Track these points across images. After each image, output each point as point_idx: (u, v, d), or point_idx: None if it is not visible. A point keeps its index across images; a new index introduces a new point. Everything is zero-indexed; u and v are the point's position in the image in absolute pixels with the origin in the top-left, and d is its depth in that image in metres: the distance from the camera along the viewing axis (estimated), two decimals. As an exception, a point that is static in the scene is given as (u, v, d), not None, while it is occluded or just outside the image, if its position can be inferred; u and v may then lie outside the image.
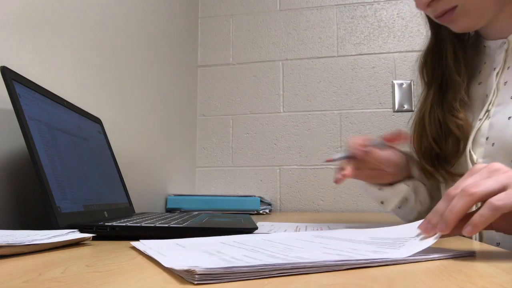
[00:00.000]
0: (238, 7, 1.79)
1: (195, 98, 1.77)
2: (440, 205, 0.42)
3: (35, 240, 0.44)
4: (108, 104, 1.07)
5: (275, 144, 1.69)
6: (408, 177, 0.79)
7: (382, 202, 0.80)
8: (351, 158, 0.71)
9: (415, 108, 0.83)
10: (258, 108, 1.73)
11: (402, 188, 0.77)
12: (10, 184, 0.70)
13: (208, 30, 1.82)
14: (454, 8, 0.66)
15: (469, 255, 0.41)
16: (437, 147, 0.74)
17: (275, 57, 1.74)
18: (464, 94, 0.74)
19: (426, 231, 0.42)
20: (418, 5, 0.72)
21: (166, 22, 1.49)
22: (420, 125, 0.77)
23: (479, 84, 0.75)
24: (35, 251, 0.44)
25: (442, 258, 0.39)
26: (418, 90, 1.58)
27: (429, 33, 0.82)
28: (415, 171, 0.79)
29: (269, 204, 1.52)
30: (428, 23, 0.81)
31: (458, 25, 0.69)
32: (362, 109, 1.63)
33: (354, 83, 1.66)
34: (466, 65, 0.76)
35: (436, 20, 0.71)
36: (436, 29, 0.79)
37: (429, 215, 0.43)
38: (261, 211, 1.39)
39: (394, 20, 1.65)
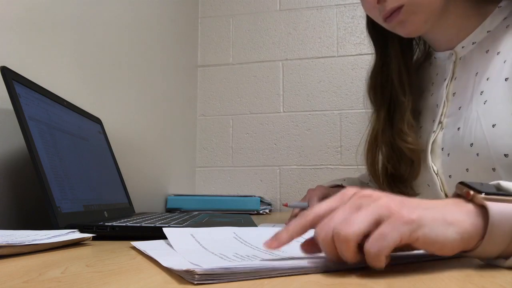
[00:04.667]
0: (238, 7, 1.79)
1: (195, 98, 1.77)
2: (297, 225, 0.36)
3: (35, 240, 0.44)
4: (108, 104, 1.07)
5: (275, 144, 1.69)
6: None
7: None
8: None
9: (367, 129, 0.82)
10: (258, 108, 1.73)
11: None
12: (10, 184, 0.70)
13: (208, 30, 1.82)
14: (400, 8, 0.65)
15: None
16: (391, 168, 0.76)
17: (275, 57, 1.73)
18: (410, 116, 0.75)
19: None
20: (366, 6, 0.70)
21: (166, 22, 1.49)
22: (373, 147, 0.79)
23: (431, 95, 0.76)
24: (35, 251, 0.44)
25: (442, 258, 0.39)
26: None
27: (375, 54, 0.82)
28: None
29: (269, 204, 1.52)
30: (373, 44, 0.81)
31: (406, 27, 0.67)
32: (362, 109, 1.63)
33: (354, 83, 1.65)
34: (411, 85, 0.76)
35: (384, 25, 0.70)
36: (383, 48, 0.79)
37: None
38: (261, 211, 1.39)
39: (394, 20, 1.65)
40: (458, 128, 0.67)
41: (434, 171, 0.70)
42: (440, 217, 0.34)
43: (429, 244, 0.33)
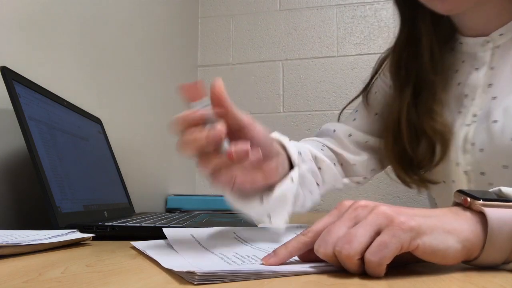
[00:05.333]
0: (238, 7, 1.79)
1: (195, 98, 1.77)
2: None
3: (35, 240, 0.44)
4: (108, 104, 1.07)
5: (275, 144, 1.69)
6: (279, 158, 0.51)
7: (269, 216, 0.51)
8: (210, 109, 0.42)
9: (386, 109, 0.75)
10: (258, 108, 1.73)
11: (288, 189, 0.50)
12: (10, 184, 0.70)
13: (208, 30, 1.82)
14: None
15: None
16: (411, 151, 0.69)
17: (275, 57, 1.73)
18: (443, 94, 0.68)
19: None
20: None
21: (166, 22, 1.49)
22: (395, 128, 0.71)
23: (458, 84, 0.69)
24: (35, 251, 0.44)
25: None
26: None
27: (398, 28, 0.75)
28: (289, 143, 0.57)
29: (269, 204, 1.52)
30: (400, 16, 0.74)
31: (447, 2, 0.61)
32: (362, 109, 1.63)
33: (354, 83, 1.65)
34: (443, 63, 0.69)
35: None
36: (412, 20, 0.71)
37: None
38: (261, 211, 1.39)
39: (394, 20, 1.64)
40: (494, 121, 0.61)
41: (462, 168, 0.64)
42: (439, 226, 0.33)
43: (430, 253, 0.32)
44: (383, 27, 1.66)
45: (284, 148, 0.55)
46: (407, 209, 0.34)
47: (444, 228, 0.33)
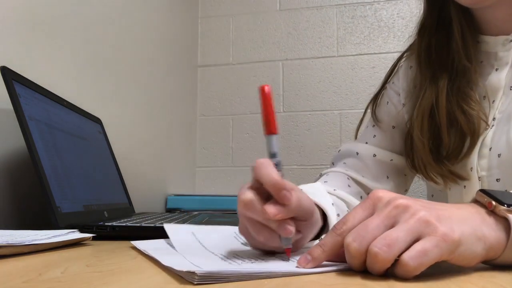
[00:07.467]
0: (238, 7, 1.79)
1: (195, 98, 1.77)
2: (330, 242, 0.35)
3: (35, 240, 0.44)
4: (108, 104, 1.07)
5: (275, 144, 1.69)
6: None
7: None
8: None
9: (415, 96, 0.70)
10: (258, 108, 1.72)
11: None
12: (10, 184, 0.70)
13: (208, 30, 1.82)
14: None
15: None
16: (447, 139, 0.64)
17: (275, 57, 1.73)
18: (480, 80, 0.63)
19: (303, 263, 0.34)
20: None
21: (166, 22, 1.49)
22: (430, 115, 0.66)
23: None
24: (35, 251, 0.44)
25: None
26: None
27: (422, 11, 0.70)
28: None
29: (269, 204, 1.52)
30: (429, 3, 0.69)
31: None
32: (362, 109, 1.62)
33: (354, 83, 1.65)
34: (475, 51, 0.65)
35: None
36: (441, 4, 0.68)
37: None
38: (261, 211, 1.39)
39: (394, 20, 1.65)
40: None
41: (477, 173, 0.62)
42: (472, 232, 0.33)
43: (458, 261, 0.33)
44: (383, 27, 1.66)
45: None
46: (443, 211, 0.33)
47: (477, 234, 0.33)
